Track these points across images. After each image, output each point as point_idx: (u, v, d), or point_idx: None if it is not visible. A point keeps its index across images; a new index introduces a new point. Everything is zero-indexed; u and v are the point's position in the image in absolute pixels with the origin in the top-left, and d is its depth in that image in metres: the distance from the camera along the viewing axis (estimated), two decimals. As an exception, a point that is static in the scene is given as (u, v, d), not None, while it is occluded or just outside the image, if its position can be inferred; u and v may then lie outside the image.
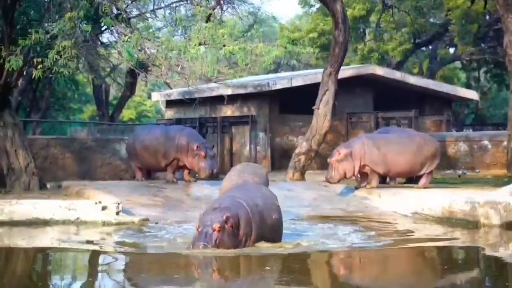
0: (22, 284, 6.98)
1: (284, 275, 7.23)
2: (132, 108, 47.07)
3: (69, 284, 6.97)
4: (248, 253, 7.92)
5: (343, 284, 7.14)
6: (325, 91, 16.14)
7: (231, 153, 21.51)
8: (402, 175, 14.09)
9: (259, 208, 8.36)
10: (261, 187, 9.41)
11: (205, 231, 7.72)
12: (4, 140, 13.39)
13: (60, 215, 10.88)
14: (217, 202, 8.31)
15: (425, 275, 7.60)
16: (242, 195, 8.46)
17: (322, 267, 7.95)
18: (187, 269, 7.54)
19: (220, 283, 6.95)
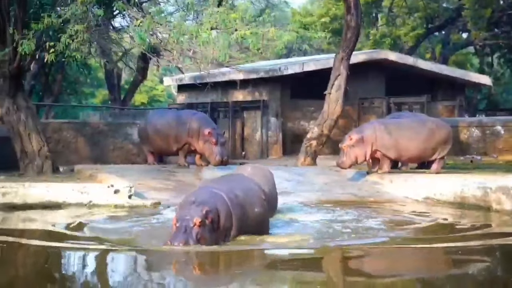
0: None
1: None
2: (144, 93, 47.11)
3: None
4: (229, 249, 7.40)
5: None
6: (337, 76, 16.12)
7: (243, 138, 21.52)
8: (413, 160, 14.07)
9: (239, 200, 7.82)
10: (245, 178, 8.75)
11: (185, 226, 7.17)
12: (17, 123, 13.48)
13: (73, 198, 10.96)
14: (193, 194, 7.66)
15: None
16: (220, 186, 7.92)
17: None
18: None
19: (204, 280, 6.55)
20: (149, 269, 6.86)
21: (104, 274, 6.70)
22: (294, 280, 6.44)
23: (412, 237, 8.62)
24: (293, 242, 7.98)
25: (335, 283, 6.49)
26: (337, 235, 8.47)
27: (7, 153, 14.06)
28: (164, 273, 6.59)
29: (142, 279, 6.40)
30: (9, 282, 6.33)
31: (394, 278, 6.65)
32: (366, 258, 7.50)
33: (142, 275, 6.61)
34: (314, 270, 6.99)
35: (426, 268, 7.11)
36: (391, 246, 7.95)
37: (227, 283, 6.34)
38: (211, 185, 8.07)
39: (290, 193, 12.39)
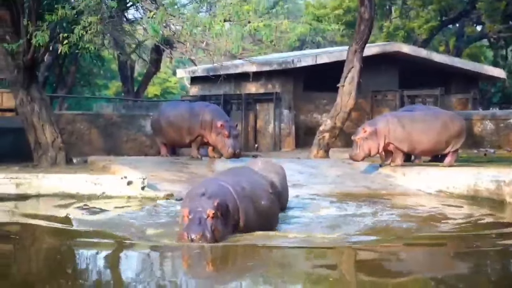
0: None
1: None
2: (157, 85, 47.16)
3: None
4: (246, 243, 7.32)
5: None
6: (350, 69, 16.08)
7: (255, 130, 21.52)
8: (427, 153, 14.02)
9: (246, 193, 7.77)
10: (252, 172, 8.70)
11: (198, 218, 7.10)
12: (31, 115, 13.54)
13: (86, 189, 11.01)
14: (201, 187, 7.56)
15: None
16: (227, 179, 7.89)
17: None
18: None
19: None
20: (168, 265, 6.82)
21: (116, 268, 6.74)
22: (308, 277, 6.38)
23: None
24: (306, 238, 7.79)
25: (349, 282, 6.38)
26: (352, 230, 8.31)
27: (21, 144, 14.13)
28: (182, 268, 6.61)
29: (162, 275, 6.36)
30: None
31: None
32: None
33: (161, 270, 6.55)
34: (331, 267, 6.83)
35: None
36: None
37: (240, 279, 6.29)
38: (218, 177, 8.01)
39: (303, 186, 12.39)
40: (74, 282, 5.95)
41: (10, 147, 14.70)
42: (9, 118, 16.87)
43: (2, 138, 14.92)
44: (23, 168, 12.71)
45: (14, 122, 14.94)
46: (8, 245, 7.63)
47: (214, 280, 6.19)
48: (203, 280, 6.19)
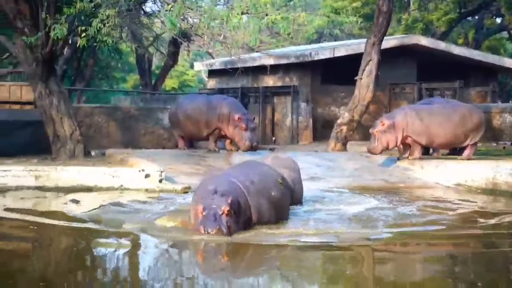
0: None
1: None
2: (175, 78, 47.26)
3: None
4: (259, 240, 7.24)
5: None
6: (368, 61, 16.02)
7: (273, 123, 21.50)
8: (445, 146, 13.95)
9: (256, 187, 7.77)
10: (260, 164, 8.74)
11: (213, 214, 7.15)
12: (50, 108, 13.60)
13: (104, 182, 11.06)
14: (212, 183, 7.59)
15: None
16: (237, 175, 7.91)
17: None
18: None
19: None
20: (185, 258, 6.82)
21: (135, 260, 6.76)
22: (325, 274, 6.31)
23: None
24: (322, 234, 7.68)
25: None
26: (371, 226, 8.18)
27: (40, 137, 14.21)
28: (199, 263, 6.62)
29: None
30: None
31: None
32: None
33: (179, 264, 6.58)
34: (350, 264, 6.68)
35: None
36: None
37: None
38: (228, 172, 8.00)
39: (320, 179, 12.38)
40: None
41: (29, 140, 14.77)
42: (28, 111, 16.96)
43: (21, 131, 14.99)
44: (42, 160, 12.79)
45: (33, 115, 15.02)
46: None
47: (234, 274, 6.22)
48: (230, 275, 6.20)
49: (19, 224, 8.36)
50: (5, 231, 7.91)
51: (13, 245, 7.30)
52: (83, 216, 8.61)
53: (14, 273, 5.99)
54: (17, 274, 6.01)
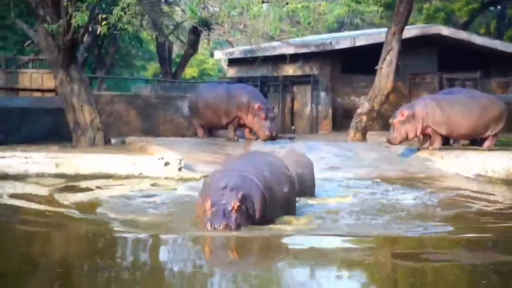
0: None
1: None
2: (195, 66, 47.30)
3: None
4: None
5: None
6: (389, 51, 15.93)
7: (292, 112, 21.47)
8: (465, 137, 13.87)
9: (268, 181, 7.41)
10: (267, 155, 8.40)
11: (222, 210, 6.86)
12: (70, 95, 13.69)
13: (124, 169, 11.13)
14: (223, 179, 7.22)
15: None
16: (248, 168, 7.50)
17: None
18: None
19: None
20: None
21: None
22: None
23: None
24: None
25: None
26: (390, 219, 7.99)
27: (60, 125, 14.31)
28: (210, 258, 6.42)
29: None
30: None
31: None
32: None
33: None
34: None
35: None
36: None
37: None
38: (238, 167, 7.60)
39: (339, 169, 12.37)
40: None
41: (50, 127, 14.91)
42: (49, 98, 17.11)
43: (42, 118, 15.12)
44: (63, 148, 12.88)
45: (54, 103, 15.14)
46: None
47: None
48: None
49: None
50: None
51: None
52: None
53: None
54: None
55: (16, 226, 7.63)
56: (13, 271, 5.65)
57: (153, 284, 5.34)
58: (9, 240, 7.06)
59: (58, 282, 5.34)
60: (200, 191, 7.63)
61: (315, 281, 5.58)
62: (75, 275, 5.63)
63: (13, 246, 6.75)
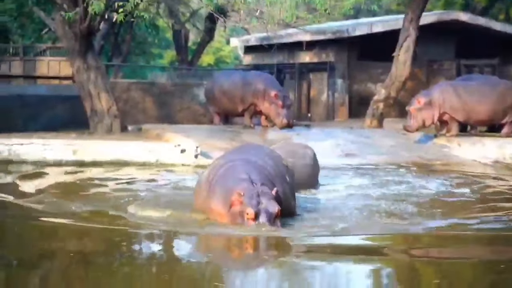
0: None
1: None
2: (211, 54, 47.27)
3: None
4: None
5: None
6: (406, 38, 15.84)
7: (309, 99, 21.43)
8: (483, 123, 13.80)
9: (276, 173, 6.92)
10: (263, 147, 7.95)
11: (267, 219, 6.15)
12: (87, 83, 13.75)
13: (141, 156, 11.18)
14: (241, 171, 6.57)
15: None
16: (260, 161, 6.92)
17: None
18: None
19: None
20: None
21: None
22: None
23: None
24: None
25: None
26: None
27: (77, 112, 14.39)
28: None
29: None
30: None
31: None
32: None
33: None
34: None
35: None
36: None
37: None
38: (247, 158, 6.95)
39: (356, 156, 12.35)
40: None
41: (67, 114, 14.99)
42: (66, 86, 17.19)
43: (59, 105, 15.21)
44: (80, 135, 12.96)
45: (71, 90, 15.21)
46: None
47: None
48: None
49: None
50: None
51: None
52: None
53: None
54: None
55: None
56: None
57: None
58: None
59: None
60: (201, 181, 7.06)
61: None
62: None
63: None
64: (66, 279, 5.08)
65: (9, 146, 11.05)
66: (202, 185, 7.04)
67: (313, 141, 13.10)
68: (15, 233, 6.77)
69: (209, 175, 6.95)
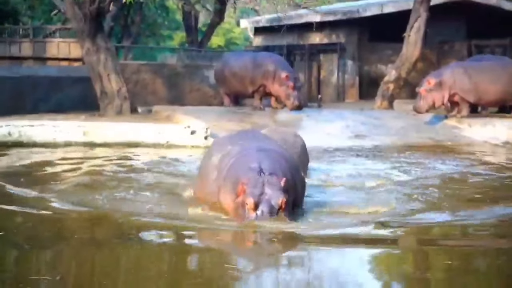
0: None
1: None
2: (221, 35, 47.18)
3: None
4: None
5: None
6: (416, 18, 15.75)
7: (319, 81, 21.38)
8: (494, 104, 13.74)
9: (289, 161, 6.32)
10: (261, 133, 7.30)
11: (268, 211, 5.57)
12: (97, 64, 13.76)
13: (151, 138, 11.20)
14: (252, 159, 5.97)
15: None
16: (260, 144, 6.39)
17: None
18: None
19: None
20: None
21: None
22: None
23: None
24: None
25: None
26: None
27: (87, 94, 14.42)
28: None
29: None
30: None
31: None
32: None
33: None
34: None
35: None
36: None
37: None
38: (255, 144, 6.39)
39: (365, 137, 12.34)
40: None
41: (77, 96, 15.02)
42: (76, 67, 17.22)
43: (69, 87, 15.24)
44: (90, 116, 12.99)
45: (81, 72, 15.23)
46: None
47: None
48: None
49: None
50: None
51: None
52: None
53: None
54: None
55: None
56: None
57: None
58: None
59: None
60: (207, 168, 6.48)
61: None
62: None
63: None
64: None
65: (20, 128, 11.09)
66: (208, 173, 6.42)
67: (323, 123, 13.14)
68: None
69: (220, 162, 6.32)
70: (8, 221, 6.16)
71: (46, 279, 4.49)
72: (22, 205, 6.56)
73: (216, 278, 4.61)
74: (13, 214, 6.36)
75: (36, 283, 4.41)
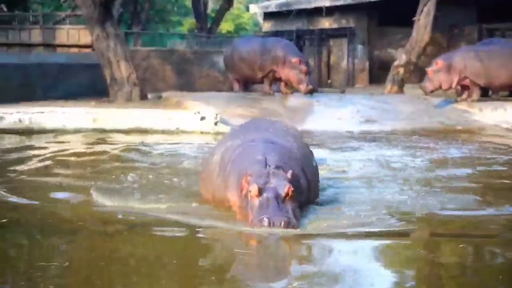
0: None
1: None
2: (230, 21, 47.07)
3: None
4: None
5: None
6: (426, 2, 15.65)
7: (328, 65, 21.33)
8: (505, 88, 13.67)
9: (301, 152, 6.04)
10: (273, 121, 6.98)
11: (274, 198, 5.13)
12: (107, 50, 13.77)
13: (161, 124, 11.22)
14: (257, 151, 5.67)
15: None
16: (280, 138, 6.04)
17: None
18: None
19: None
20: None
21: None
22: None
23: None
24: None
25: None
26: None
27: (97, 80, 14.44)
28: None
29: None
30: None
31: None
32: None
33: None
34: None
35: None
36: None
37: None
38: (264, 136, 6.05)
39: (375, 122, 12.31)
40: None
41: (87, 82, 15.05)
42: (86, 54, 17.22)
43: (79, 74, 15.27)
44: (100, 103, 13.02)
45: (91, 58, 15.25)
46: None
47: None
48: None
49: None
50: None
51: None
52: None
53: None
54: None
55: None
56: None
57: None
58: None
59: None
60: (211, 164, 6.11)
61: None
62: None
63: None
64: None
65: (30, 114, 11.13)
66: (212, 169, 6.01)
67: (333, 108, 13.10)
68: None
69: (223, 157, 5.95)
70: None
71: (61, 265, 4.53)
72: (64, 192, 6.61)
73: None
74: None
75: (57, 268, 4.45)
